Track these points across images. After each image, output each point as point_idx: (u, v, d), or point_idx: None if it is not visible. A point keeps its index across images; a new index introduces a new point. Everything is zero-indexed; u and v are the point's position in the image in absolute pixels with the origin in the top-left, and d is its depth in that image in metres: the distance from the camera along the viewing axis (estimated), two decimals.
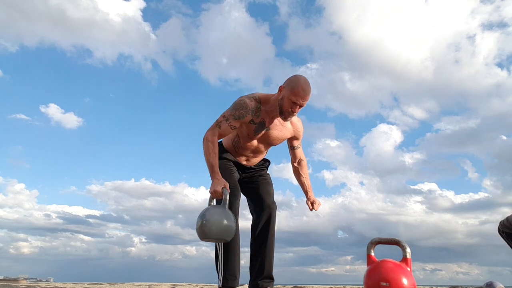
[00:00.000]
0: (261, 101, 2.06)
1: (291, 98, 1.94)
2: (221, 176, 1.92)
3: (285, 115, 2.01)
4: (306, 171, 2.40)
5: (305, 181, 2.39)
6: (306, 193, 2.39)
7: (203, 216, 1.76)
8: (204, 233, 1.74)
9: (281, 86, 2.01)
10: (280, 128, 2.16)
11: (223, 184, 1.87)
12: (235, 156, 2.24)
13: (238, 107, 2.02)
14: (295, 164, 2.38)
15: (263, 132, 2.13)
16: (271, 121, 2.11)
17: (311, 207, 2.33)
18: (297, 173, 2.40)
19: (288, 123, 2.18)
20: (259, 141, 2.17)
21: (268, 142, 2.19)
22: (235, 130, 2.13)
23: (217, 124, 2.03)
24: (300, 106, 1.98)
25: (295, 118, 2.20)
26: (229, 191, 1.85)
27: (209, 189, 1.89)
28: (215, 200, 1.91)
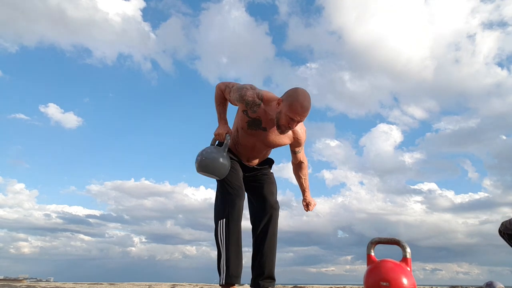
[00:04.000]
0: (263, 100, 2.03)
1: (288, 114, 1.89)
2: (226, 121, 2.18)
3: (282, 129, 1.98)
4: (306, 172, 2.41)
5: (303, 182, 2.41)
6: (303, 192, 2.43)
7: (202, 152, 2.07)
8: (200, 167, 2.04)
9: (280, 98, 1.96)
10: (278, 132, 2.12)
11: (227, 130, 2.12)
12: (238, 155, 2.24)
13: (239, 91, 2.05)
14: (295, 165, 2.40)
15: (259, 131, 2.11)
16: (270, 125, 2.08)
17: (306, 208, 2.39)
18: (296, 173, 2.42)
19: None
20: (256, 140, 2.15)
21: (265, 143, 2.17)
22: (235, 122, 2.20)
23: (226, 86, 2.15)
24: (298, 122, 1.95)
25: (298, 126, 2.15)
26: (230, 137, 2.12)
27: (214, 131, 2.14)
28: (217, 142, 2.17)
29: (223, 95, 2.17)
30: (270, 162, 2.37)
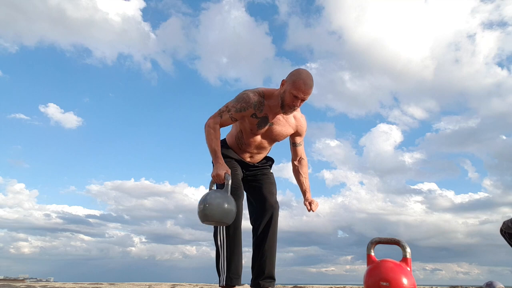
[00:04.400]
0: (265, 95, 2.05)
1: (292, 92, 1.92)
2: (223, 161, 1.98)
3: (286, 109, 1.99)
4: (306, 171, 2.36)
5: (304, 181, 2.34)
6: (304, 193, 2.34)
7: (205, 199, 1.83)
8: (206, 216, 1.80)
9: (283, 80, 2.00)
10: (284, 123, 2.14)
11: (225, 169, 1.92)
12: (238, 154, 2.23)
13: (241, 100, 2.03)
14: (296, 163, 2.34)
15: (266, 127, 2.11)
16: (274, 116, 2.10)
17: (309, 208, 2.27)
18: (296, 172, 2.35)
19: (291, 119, 2.16)
20: (262, 137, 2.16)
21: (271, 137, 2.18)
22: (238, 125, 2.15)
23: (220, 113, 2.06)
24: (302, 100, 1.96)
25: (298, 114, 2.19)
26: (231, 176, 1.91)
27: (211, 173, 1.94)
28: (215, 184, 1.99)
29: (216, 129, 2.04)
30: (270, 162, 2.36)
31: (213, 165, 2.00)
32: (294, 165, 2.36)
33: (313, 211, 2.27)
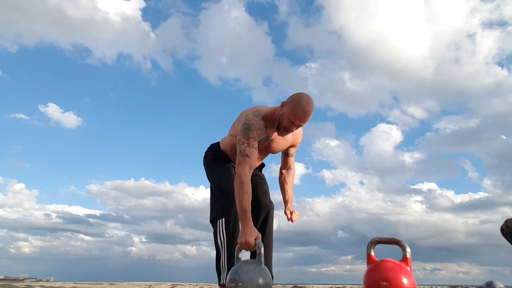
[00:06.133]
0: (267, 118, 2.01)
1: (290, 117, 1.90)
2: (253, 224, 1.72)
3: (281, 131, 1.98)
4: (292, 181, 2.39)
5: (288, 190, 2.37)
6: (286, 202, 2.35)
7: (235, 275, 1.53)
8: None
9: (283, 102, 1.97)
10: (282, 139, 2.14)
11: (255, 235, 1.66)
12: (232, 160, 2.22)
13: (253, 128, 1.93)
14: (284, 171, 2.37)
15: (265, 144, 2.11)
16: (273, 133, 2.09)
17: (289, 217, 2.29)
18: (283, 181, 2.38)
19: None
20: (262, 151, 2.15)
21: (267, 151, 2.18)
22: (234, 140, 2.10)
23: (243, 154, 1.89)
24: (298, 126, 1.94)
25: None
26: (262, 243, 1.63)
27: (237, 239, 1.69)
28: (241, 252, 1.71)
29: (245, 182, 1.81)
30: (261, 165, 2.36)
31: (241, 227, 1.72)
32: (281, 173, 2.38)
33: (292, 221, 2.28)
